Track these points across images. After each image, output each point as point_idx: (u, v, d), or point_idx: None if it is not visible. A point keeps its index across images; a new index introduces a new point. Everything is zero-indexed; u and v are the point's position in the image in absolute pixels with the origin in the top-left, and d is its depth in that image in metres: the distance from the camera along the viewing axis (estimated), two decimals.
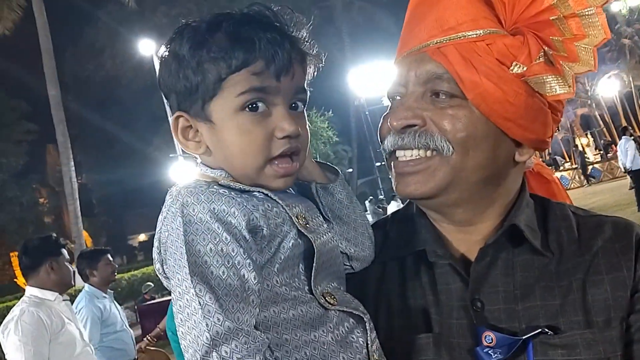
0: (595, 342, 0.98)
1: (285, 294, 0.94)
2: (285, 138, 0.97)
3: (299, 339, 0.92)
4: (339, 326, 0.97)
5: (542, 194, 1.23)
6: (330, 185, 1.09)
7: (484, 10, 1.06)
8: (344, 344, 0.96)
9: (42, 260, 3.96)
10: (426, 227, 1.15)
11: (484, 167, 1.06)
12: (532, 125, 1.07)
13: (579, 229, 1.10)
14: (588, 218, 1.13)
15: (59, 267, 3.99)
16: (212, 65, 0.95)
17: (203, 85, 0.96)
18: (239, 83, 0.95)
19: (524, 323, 1.02)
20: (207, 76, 0.95)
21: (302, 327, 0.93)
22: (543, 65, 1.03)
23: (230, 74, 0.95)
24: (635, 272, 1.03)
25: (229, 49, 0.94)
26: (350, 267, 1.11)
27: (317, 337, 0.93)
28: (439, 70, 1.05)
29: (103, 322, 5.04)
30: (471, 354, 1.01)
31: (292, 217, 0.97)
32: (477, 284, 1.06)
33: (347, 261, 1.10)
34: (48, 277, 3.93)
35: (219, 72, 0.95)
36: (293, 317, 0.93)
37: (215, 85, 0.95)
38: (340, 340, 0.96)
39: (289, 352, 0.90)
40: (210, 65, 0.95)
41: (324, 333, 0.94)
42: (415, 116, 1.06)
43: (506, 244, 1.08)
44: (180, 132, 1.02)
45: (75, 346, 3.93)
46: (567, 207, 1.16)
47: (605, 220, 1.11)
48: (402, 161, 1.10)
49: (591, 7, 1.02)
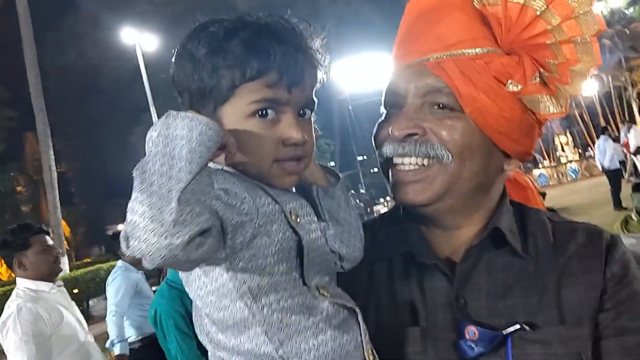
0: (568, 338, 1.05)
1: (285, 284, 0.97)
2: (292, 145, 1.01)
3: (299, 323, 0.97)
4: (334, 316, 1.02)
5: (517, 199, 1.29)
6: (331, 189, 1.13)
7: (482, 30, 1.13)
8: (341, 330, 1.01)
9: (11, 258, 3.78)
10: (414, 229, 1.21)
11: (478, 175, 1.13)
12: (522, 140, 1.15)
13: (554, 234, 1.17)
14: (562, 224, 1.20)
15: (30, 261, 3.76)
16: (227, 71, 0.97)
17: (217, 89, 0.98)
18: (251, 92, 0.98)
19: (504, 319, 1.07)
20: (221, 82, 0.98)
21: (302, 313, 0.97)
22: (538, 85, 1.10)
23: (244, 82, 0.97)
24: (605, 275, 1.10)
25: (244, 58, 0.96)
26: (341, 267, 1.15)
27: (316, 323, 0.98)
28: (438, 84, 1.11)
29: (137, 293, 5.48)
30: (454, 346, 1.07)
31: (285, 212, 0.99)
32: (462, 283, 1.12)
33: (338, 261, 1.14)
34: (25, 272, 3.76)
35: (233, 80, 0.97)
36: (291, 305, 0.97)
37: (229, 91, 0.98)
38: (337, 327, 1.00)
39: (289, 336, 0.95)
40: (225, 72, 0.97)
41: (322, 320, 0.99)
42: (416, 126, 1.12)
43: (489, 246, 1.14)
44: None
45: (77, 337, 3.78)
46: (542, 213, 1.23)
47: (578, 227, 1.19)
48: (401, 170, 1.15)
49: (585, 36, 1.10)
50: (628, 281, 1.10)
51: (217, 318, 0.97)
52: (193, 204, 0.80)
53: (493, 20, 1.13)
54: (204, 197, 0.83)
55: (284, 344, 0.95)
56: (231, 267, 0.93)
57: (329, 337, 0.98)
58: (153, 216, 0.78)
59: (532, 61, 1.10)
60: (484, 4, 1.14)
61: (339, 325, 1.01)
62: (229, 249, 0.91)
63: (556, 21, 1.10)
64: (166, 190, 0.79)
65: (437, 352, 1.08)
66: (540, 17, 1.11)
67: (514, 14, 1.12)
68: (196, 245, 0.81)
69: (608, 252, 1.12)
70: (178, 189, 0.79)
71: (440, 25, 1.14)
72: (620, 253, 1.13)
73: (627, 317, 1.07)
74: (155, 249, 0.78)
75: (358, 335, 1.03)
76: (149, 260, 0.79)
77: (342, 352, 0.99)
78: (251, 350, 0.95)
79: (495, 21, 1.13)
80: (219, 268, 0.93)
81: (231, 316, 0.95)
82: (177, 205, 0.78)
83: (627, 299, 1.08)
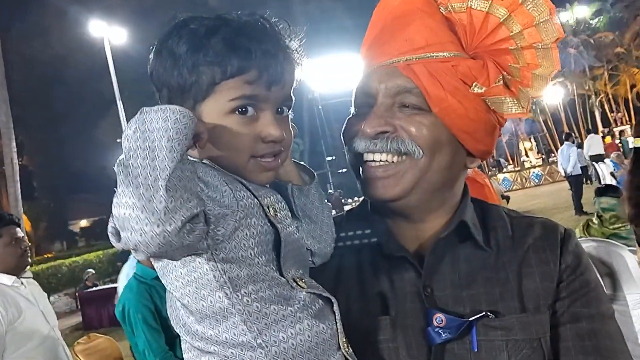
0: (528, 325, 1.11)
1: (264, 275, 1.00)
2: (270, 142, 1.03)
3: (277, 313, 0.99)
4: (311, 305, 1.05)
5: (476, 196, 1.36)
6: (305, 187, 1.15)
7: (449, 35, 1.19)
8: (317, 319, 1.04)
9: None
10: (381, 223, 1.26)
11: (445, 170, 1.19)
12: (485, 138, 1.21)
13: (513, 228, 1.23)
14: (520, 219, 1.27)
15: None
16: (207, 68, 0.98)
17: (197, 86, 1.00)
18: (231, 89, 0.99)
19: (468, 308, 1.13)
20: (201, 78, 0.99)
21: (280, 303, 1.00)
22: (501, 87, 1.16)
23: (224, 79, 0.99)
24: (560, 266, 1.17)
25: (225, 55, 0.98)
26: (312, 262, 1.18)
27: (293, 312, 1.01)
28: (408, 84, 1.16)
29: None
30: (423, 333, 1.12)
31: (263, 206, 1.02)
32: (429, 273, 1.17)
33: (309, 256, 1.17)
34: None
35: (214, 77, 0.99)
36: (270, 295, 0.99)
37: (209, 88, 0.99)
38: (314, 316, 1.04)
39: (267, 325, 0.98)
40: (205, 69, 0.99)
41: (299, 310, 1.02)
42: (387, 123, 1.16)
43: (454, 239, 1.20)
44: None
45: (38, 333, 3.61)
46: (501, 209, 1.31)
47: (535, 221, 1.25)
48: (372, 166, 1.19)
49: (546, 42, 1.17)
50: (581, 271, 1.17)
51: (196, 308, 0.98)
52: (180, 190, 0.82)
53: (459, 26, 1.19)
54: (190, 184, 0.85)
55: (262, 332, 0.97)
56: (212, 258, 0.94)
57: (305, 326, 1.01)
58: (143, 206, 0.80)
59: (495, 65, 1.17)
60: (450, 11, 1.20)
61: (316, 314, 1.04)
62: (210, 240, 0.92)
63: (517, 28, 1.17)
64: (152, 180, 0.81)
65: (406, 339, 1.13)
66: (503, 24, 1.17)
67: (478, 21, 1.17)
68: (187, 231, 0.83)
69: (562, 244, 1.19)
70: (164, 177, 0.81)
71: (410, 29, 1.18)
72: (574, 245, 1.20)
73: (581, 304, 1.14)
74: (150, 238, 0.80)
75: (334, 324, 1.06)
76: (143, 250, 0.82)
77: (319, 340, 1.02)
78: (229, 340, 0.97)
79: (461, 27, 1.19)
80: (199, 258, 0.94)
81: (210, 306, 0.96)
82: (166, 192, 0.80)
83: (580, 287, 1.16)
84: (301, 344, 1.00)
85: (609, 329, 1.14)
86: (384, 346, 1.14)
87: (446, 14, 1.20)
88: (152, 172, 0.81)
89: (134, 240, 0.81)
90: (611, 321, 1.16)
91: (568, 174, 14.88)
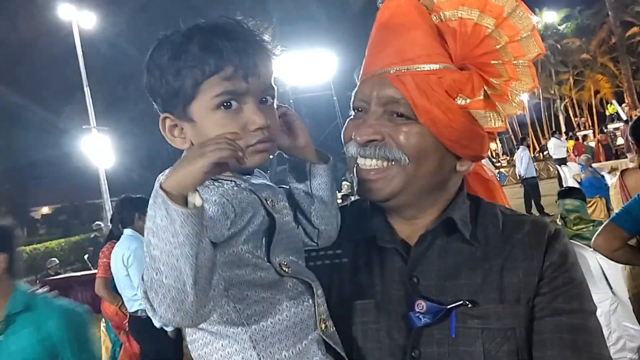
0: (505, 315, 1.19)
1: (248, 260, 1.10)
2: (257, 130, 1.12)
3: (258, 295, 1.11)
4: (292, 289, 1.16)
5: (480, 191, 1.45)
6: (322, 166, 1.27)
7: (437, 46, 1.25)
8: (295, 302, 1.15)
9: None
10: (378, 217, 1.35)
11: (432, 175, 1.26)
12: (471, 145, 1.28)
13: (504, 225, 1.30)
14: (513, 216, 1.34)
15: None
16: (188, 72, 1.09)
17: (183, 89, 1.11)
18: (213, 87, 1.09)
19: (450, 297, 1.21)
20: (185, 82, 1.10)
21: (261, 286, 1.11)
22: (482, 102, 1.25)
23: (205, 79, 1.09)
24: (544, 263, 1.23)
25: (201, 58, 1.08)
26: (316, 243, 1.31)
27: (273, 295, 1.12)
28: (397, 95, 1.23)
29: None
30: (405, 318, 1.21)
31: (261, 199, 1.14)
32: (415, 263, 1.26)
33: (315, 238, 1.30)
34: None
35: (195, 78, 1.09)
36: (253, 279, 1.10)
37: (193, 89, 1.10)
38: (293, 299, 1.15)
39: (249, 305, 1.09)
40: (187, 72, 1.09)
41: (279, 292, 1.13)
42: (376, 132, 1.25)
43: (441, 233, 1.28)
44: (167, 131, 1.18)
45: None
46: (497, 207, 1.37)
47: (527, 219, 1.32)
48: (363, 169, 1.28)
49: (524, 59, 1.26)
50: (566, 268, 1.23)
51: None
52: (206, 287, 0.96)
53: (449, 36, 1.25)
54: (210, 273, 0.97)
55: (243, 312, 1.09)
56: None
57: (284, 307, 1.13)
58: (177, 308, 0.94)
59: (479, 78, 1.24)
60: (442, 20, 1.27)
61: (295, 296, 1.16)
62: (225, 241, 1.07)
63: (504, 40, 1.24)
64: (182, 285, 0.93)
65: (389, 322, 1.22)
66: (490, 36, 1.24)
67: (467, 30, 1.24)
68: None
69: (549, 242, 1.25)
70: (190, 283, 0.92)
71: (400, 40, 1.26)
72: (562, 244, 1.26)
73: (562, 300, 1.20)
74: (181, 325, 0.99)
75: (312, 307, 1.17)
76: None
77: (297, 319, 1.14)
78: (216, 318, 1.08)
79: (451, 36, 1.25)
80: None
81: None
82: (195, 298, 0.93)
83: (563, 284, 1.21)
84: (279, 323, 1.12)
85: (590, 325, 1.19)
86: (367, 327, 1.24)
87: (438, 24, 1.27)
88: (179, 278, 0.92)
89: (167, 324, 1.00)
90: (592, 318, 1.21)
91: (522, 177, 15.25)
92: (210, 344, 1.11)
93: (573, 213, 5.03)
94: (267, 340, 1.10)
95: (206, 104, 1.10)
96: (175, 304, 0.93)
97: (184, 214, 0.90)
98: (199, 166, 0.93)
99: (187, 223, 0.90)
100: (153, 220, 0.92)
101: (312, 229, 1.29)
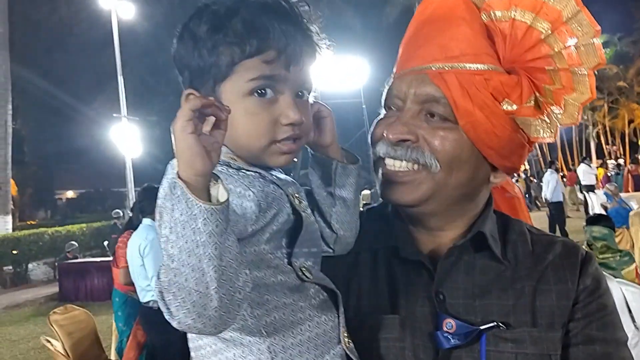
0: (540, 340, 1.10)
1: (269, 262, 1.01)
2: (289, 125, 1.02)
3: (279, 300, 1.00)
4: (314, 296, 1.06)
5: (504, 208, 1.36)
6: (349, 167, 1.17)
7: (485, 46, 1.16)
8: (319, 311, 1.05)
9: None
10: (400, 226, 1.26)
11: (464, 186, 1.18)
12: (511, 156, 1.19)
13: (533, 244, 1.23)
14: (541, 236, 1.26)
15: None
16: (226, 48, 0.99)
17: (216, 66, 1.00)
18: (250, 69, 0.99)
19: (480, 317, 1.13)
20: (221, 58, 1.00)
21: (282, 291, 1.01)
22: (532, 109, 1.14)
23: (243, 59, 0.99)
24: (578, 286, 1.16)
25: (244, 35, 0.98)
26: (332, 250, 1.21)
27: (295, 301, 1.02)
28: (437, 93, 1.14)
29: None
30: (431, 337, 1.12)
31: (288, 195, 1.05)
32: (442, 279, 1.17)
33: (331, 243, 1.20)
34: None
35: (233, 56, 0.99)
36: (274, 283, 1.00)
37: (228, 68, 1.00)
38: (316, 307, 1.05)
39: (268, 311, 0.98)
40: (224, 49, 0.99)
41: (301, 299, 1.03)
42: (410, 132, 1.15)
43: (469, 248, 1.20)
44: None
45: None
46: (523, 224, 1.29)
47: (557, 240, 1.25)
48: (391, 170, 1.18)
49: (584, 67, 1.14)
50: (599, 294, 1.16)
51: None
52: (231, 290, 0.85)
53: (498, 37, 1.16)
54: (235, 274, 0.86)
55: (261, 319, 0.98)
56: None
57: (307, 316, 1.03)
58: (198, 313, 0.83)
59: (529, 83, 1.14)
60: (492, 20, 1.17)
61: (318, 305, 1.06)
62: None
63: (559, 47, 1.13)
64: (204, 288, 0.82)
65: (414, 340, 1.13)
66: (544, 41, 1.14)
67: (520, 33, 1.14)
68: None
69: (583, 265, 1.18)
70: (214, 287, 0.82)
71: (445, 35, 1.16)
72: (594, 268, 1.19)
73: (596, 327, 1.13)
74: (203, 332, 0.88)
75: (336, 317, 1.08)
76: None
77: (320, 331, 1.04)
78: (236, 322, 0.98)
79: (501, 38, 1.16)
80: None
81: None
82: (219, 303, 0.83)
83: (596, 310, 1.15)
84: (301, 333, 1.01)
85: (623, 356, 1.13)
86: (391, 344, 1.14)
87: (487, 22, 1.18)
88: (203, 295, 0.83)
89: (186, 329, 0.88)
90: (625, 348, 1.15)
91: (548, 201, 15.01)
92: (220, 352, 1.00)
93: (600, 241, 4.90)
94: (287, 352, 0.98)
95: (239, 87, 1.00)
96: (196, 308, 0.82)
97: (207, 210, 0.80)
98: (184, 133, 0.81)
99: (211, 220, 0.80)
100: (171, 214, 0.82)
101: (330, 234, 1.19)
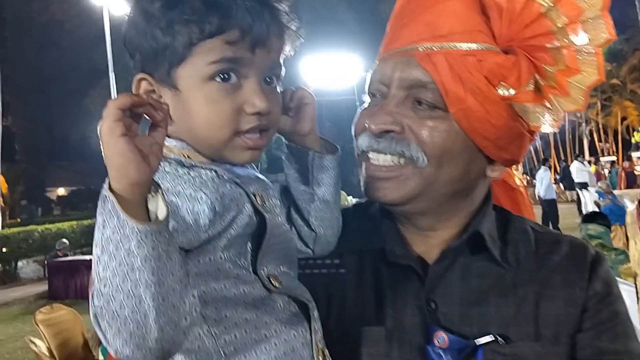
0: (544, 356, 1.00)
1: (229, 272, 0.89)
2: (255, 114, 0.91)
3: (240, 316, 0.89)
4: (283, 309, 0.95)
5: (505, 202, 1.23)
6: (327, 157, 1.06)
7: (479, 22, 1.03)
8: (288, 326, 0.93)
9: None
10: (388, 226, 1.14)
11: (456, 181, 1.06)
12: (509, 147, 1.07)
13: (537, 244, 1.12)
14: (546, 235, 1.15)
15: None
16: (183, 27, 0.87)
17: (171, 48, 0.88)
18: (210, 51, 0.88)
19: (476, 328, 1.02)
20: (176, 39, 0.88)
21: (244, 305, 0.89)
22: (532, 93, 1.02)
23: (203, 39, 0.87)
24: (587, 292, 1.05)
25: (203, 12, 0.86)
26: (311, 250, 1.09)
27: (259, 317, 0.90)
28: (424, 78, 1.02)
29: None
30: (421, 352, 1.01)
31: (248, 194, 0.92)
32: (433, 285, 1.06)
33: (310, 243, 1.08)
34: None
35: (190, 37, 0.87)
36: (234, 296, 0.89)
37: (185, 49, 0.88)
38: (284, 321, 0.93)
39: (227, 329, 0.87)
40: (181, 28, 0.87)
41: (266, 313, 0.91)
42: (395, 122, 1.03)
43: (465, 250, 1.09)
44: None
45: None
46: (526, 221, 1.17)
47: (563, 239, 1.13)
48: (374, 165, 1.07)
49: (592, 43, 1.01)
50: (610, 301, 1.06)
51: None
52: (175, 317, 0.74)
53: (494, 11, 1.03)
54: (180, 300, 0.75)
55: (220, 337, 0.87)
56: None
57: (272, 332, 0.91)
58: (136, 344, 0.72)
59: (529, 64, 1.02)
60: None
61: (287, 319, 0.94)
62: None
63: (562, 22, 1.01)
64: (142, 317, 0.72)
65: (402, 355, 1.02)
66: (545, 15, 1.02)
67: (518, 6, 1.02)
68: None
69: (592, 268, 1.07)
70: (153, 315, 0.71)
71: (433, 11, 1.04)
72: (604, 271, 1.08)
73: (607, 338, 1.03)
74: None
75: (307, 333, 0.96)
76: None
77: (287, 348, 0.92)
78: (189, 345, 0.86)
79: (496, 12, 1.03)
80: None
81: None
82: (160, 334, 0.72)
83: (607, 319, 1.04)
84: (266, 353, 0.89)
85: None
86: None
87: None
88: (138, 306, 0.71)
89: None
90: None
91: (541, 198, 15.01)
92: None
93: (595, 239, 4.86)
94: None
95: (198, 71, 0.89)
96: (134, 339, 0.71)
97: (142, 231, 0.69)
98: (113, 136, 0.72)
99: (146, 242, 0.70)
100: (102, 232, 0.71)
101: (309, 233, 1.07)
